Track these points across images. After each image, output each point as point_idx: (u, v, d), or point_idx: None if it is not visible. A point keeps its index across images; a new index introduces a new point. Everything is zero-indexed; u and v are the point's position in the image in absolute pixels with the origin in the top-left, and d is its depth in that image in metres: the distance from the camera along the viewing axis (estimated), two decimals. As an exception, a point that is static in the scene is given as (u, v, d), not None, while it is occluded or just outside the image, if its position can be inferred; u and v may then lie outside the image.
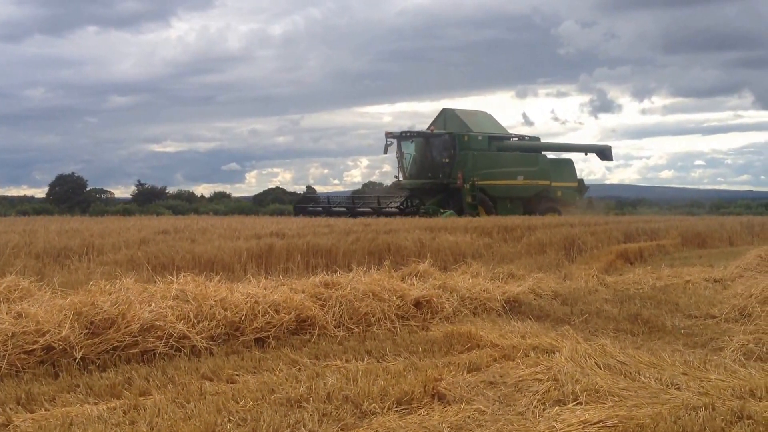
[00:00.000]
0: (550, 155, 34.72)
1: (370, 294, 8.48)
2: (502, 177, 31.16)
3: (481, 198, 30.07)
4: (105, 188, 58.40)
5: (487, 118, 34.37)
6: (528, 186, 32.17)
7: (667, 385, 5.49)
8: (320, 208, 30.02)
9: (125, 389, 5.60)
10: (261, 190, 64.35)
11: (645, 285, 11.46)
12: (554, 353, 6.35)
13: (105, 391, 5.57)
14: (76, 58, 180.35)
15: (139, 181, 58.41)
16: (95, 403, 5.26)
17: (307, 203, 32.61)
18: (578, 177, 34.78)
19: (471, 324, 8.12)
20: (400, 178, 32.25)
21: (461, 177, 29.71)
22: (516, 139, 34.43)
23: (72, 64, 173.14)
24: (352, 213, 26.88)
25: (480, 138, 31.48)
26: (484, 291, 9.57)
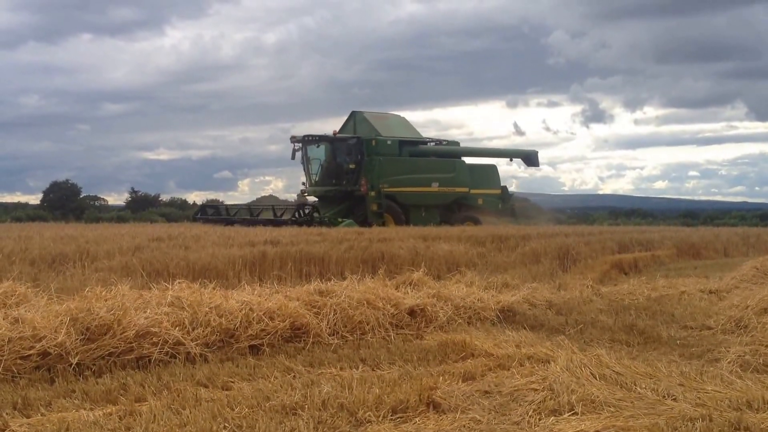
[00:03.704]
0: (474, 161, 33.16)
1: (365, 302, 8.47)
2: (414, 184, 29.50)
3: (388, 206, 28.50)
4: (98, 195, 58.42)
5: (400, 121, 32.79)
6: (444, 193, 30.46)
7: (664, 396, 5.49)
8: (222, 217, 28.98)
9: (121, 395, 5.59)
10: (254, 198, 64.27)
11: (640, 295, 11.45)
12: (549, 363, 6.34)
13: (101, 396, 5.56)
14: (70, 65, 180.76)
15: (132, 188, 58.47)
16: (91, 409, 5.24)
17: (207, 211, 31.60)
18: (502, 184, 33.09)
19: (465, 333, 8.12)
20: (307, 186, 30.66)
21: (365, 183, 28.12)
22: (433, 143, 32.67)
23: (66, 71, 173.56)
24: (251, 222, 25.76)
25: (389, 142, 29.78)
26: (478, 300, 9.56)
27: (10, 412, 5.14)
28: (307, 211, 26.14)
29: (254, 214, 27.36)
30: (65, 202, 51.55)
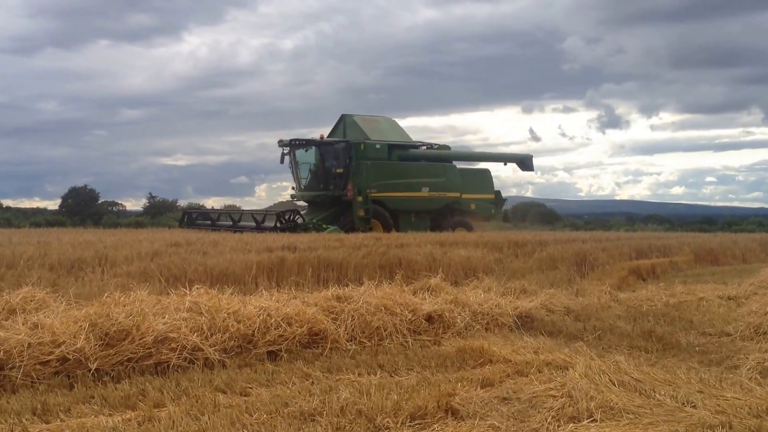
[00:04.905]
0: (467, 165, 32.39)
1: (382, 308, 8.48)
2: (403, 189, 28.85)
3: (375, 211, 27.82)
4: (116, 201, 58.58)
5: (391, 125, 31.85)
6: (434, 198, 29.65)
7: (683, 403, 5.46)
8: (208, 222, 28.73)
9: (140, 401, 5.62)
10: (271, 203, 64.14)
11: (658, 302, 11.40)
12: (568, 369, 6.33)
13: (120, 402, 5.59)
14: (88, 71, 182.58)
15: (150, 193, 58.55)
16: (110, 415, 5.28)
17: (194, 217, 31.30)
18: (495, 189, 32.02)
19: (483, 339, 8.12)
20: (296, 191, 30.04)
21: (351, 188, 27.43)
22: (424, 147, 31.72)
23: (83, 77, 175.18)
24: (235, 228, 25.58)
25: (378, 146, 28.96)
26: (495, 306, 9.54)
27: (30, 418, 5.18)
28: (288, 217, 25.64)
29: (236, 221, 27.17)
30: (83, 208, 51.72)
